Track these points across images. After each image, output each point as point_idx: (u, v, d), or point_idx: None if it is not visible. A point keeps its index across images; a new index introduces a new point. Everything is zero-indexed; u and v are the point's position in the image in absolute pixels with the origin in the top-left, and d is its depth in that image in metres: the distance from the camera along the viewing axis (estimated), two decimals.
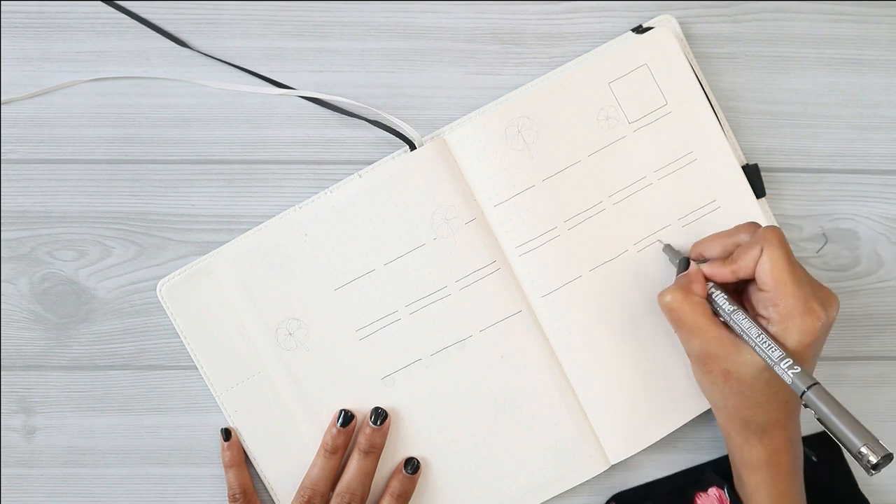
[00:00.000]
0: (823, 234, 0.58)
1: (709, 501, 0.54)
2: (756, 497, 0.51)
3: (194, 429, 0.57)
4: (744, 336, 0.48)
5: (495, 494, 0.55)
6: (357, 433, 0.55)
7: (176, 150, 0.56)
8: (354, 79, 0.57)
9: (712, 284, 0.51)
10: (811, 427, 0.57)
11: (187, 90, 0.56)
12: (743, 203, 0.56)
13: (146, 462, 0.57)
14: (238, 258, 0.55)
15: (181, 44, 0.56)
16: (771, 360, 0.46)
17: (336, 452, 0.54)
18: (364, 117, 0.56)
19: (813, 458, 0.54)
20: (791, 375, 0.45)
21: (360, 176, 0.55)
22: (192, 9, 0.56)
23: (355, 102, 0.56)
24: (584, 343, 0.55)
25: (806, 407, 0.45)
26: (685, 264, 0.52)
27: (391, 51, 0.57)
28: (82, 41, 0.56)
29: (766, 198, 0.57)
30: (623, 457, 0.56)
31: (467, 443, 0.55)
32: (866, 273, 0.58)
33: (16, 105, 0.56)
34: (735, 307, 0.49)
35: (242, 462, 0.55)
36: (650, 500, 0.56)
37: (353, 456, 0.54)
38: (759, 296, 0.49)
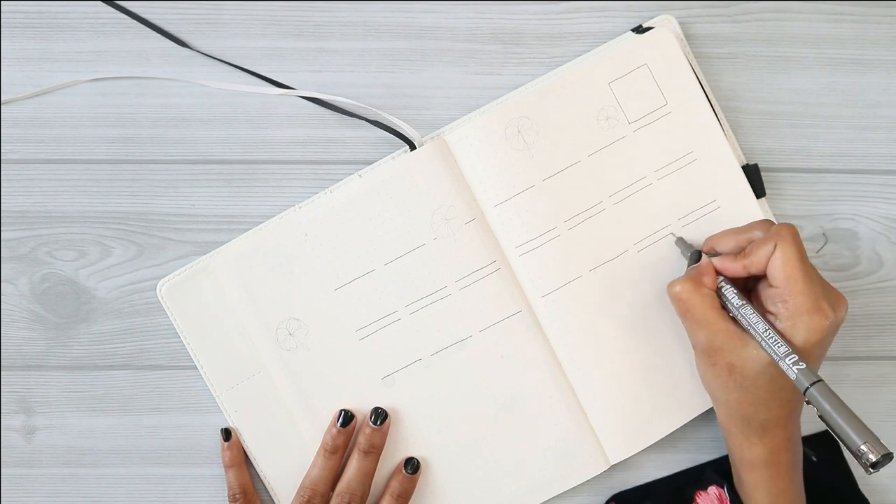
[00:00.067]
0: (823, 234, 0.58)
1: (708, 500, 0.54)
2: (755, 496, 0.51)
3: (194, 429, 0.57)
4: (751, 330, 0.48)
5: (495, 494, 0.55)
6: (357, 433, 0.55)
7: (176, 150, 0.56)
8: (354, 79, 0.57)
9: (722, 279, 0.51)
10: (811, 427, 0.57)
11: (187, 90, 0.56)
12: (743, 203, 0.56)
13: (146, 462, 0.57)
14: (238, 258, 0.55)
15: (181, 44, 0.56)
16: (776, 355, 0.46)
17: (336, 452, 0.54)
18: (364, 117, 0.56)
19: (813, 458, 0.54)
20: (796, 371, 0.45)
21: (360, 176, 0.55)
22: (192, 9, 0.56)
23: (355, 102, 0.56)
24: (584, 343, 0.55)
25: (808, 403, 0.45)
26: (696, 257, 0.52)
27: (391, 51, 0.57)
28: (82, 41, 0.56)
29: (766, 198, 0.57)
30: (623, 457, 0.56)
31: (467, 443, 0.55)
32: (866, 273, 0.58)
33: (16, 105, 0.56)
34: (744, 302, 0.49)
35: (242, 462, 0.55)
36: (650, 500, 0.56)
37: (353, 456, 0.54)
38: (769, 292, 0.49)
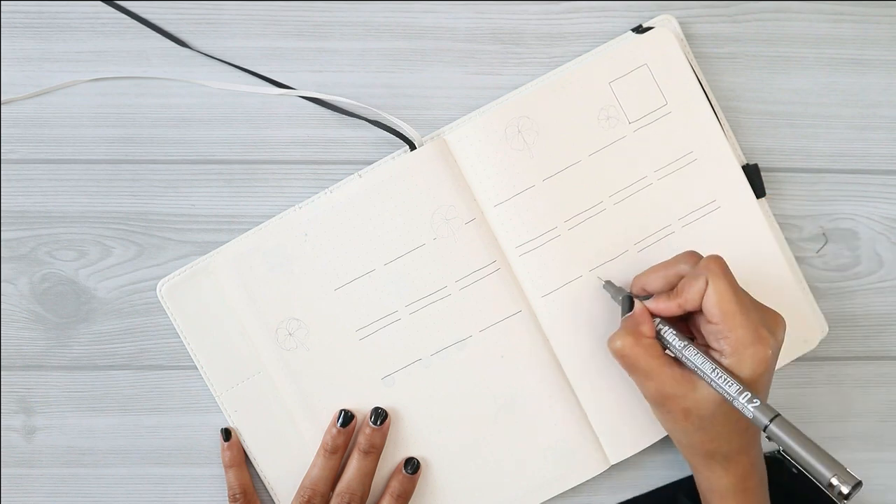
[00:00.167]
0: (823, 234, 0.58)
1: None
2: None
3: (194, 429, 0.57)
4: (698, 372, 0.47)
5: (495, 494, 0.55)
6: (357, 433, 0.55)
7: (176, 150, 0.56)
8: (354, 79, 0.57)
9: (659, 320, 0.50)
10: None
11: (187, 90, 0.56)
12: (743, 203, 0.56)
13: (146, 462, 0.57)
14: (238, 258, 0.55)
15: (181, 44, 0.56)
16: (729, 395, 0.46)
17: (336, 452, 0.54)
18: (364, 117, 0.56)
19: (794, 470, 0.53)
20: (752, 410, 0.45)
21: (360, 176, 0.55)
22: (192, 9, 0.56)
23: (355, 102, 0.56)
24: (584, 343, 0.55)
25: (770, 440, 0.45)
26: (629, 303, 0.51)
27: (391, 51, 0.57)
28: (82, 41, 0.56)
29: (766, 198, 0.57)
30: (623, 457, 0.56)
31: (467, 443, 0.55)
32: (866, 273, 0.58)
33: (16, 105, 0.56)
34: (685, 342, 0.48)
35: (242, 462, 0.55)
36: None
37: (353, 456, 0.54)
38: (708, 328, 0.48)
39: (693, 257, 0.50)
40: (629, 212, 0.55)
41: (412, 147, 0.55)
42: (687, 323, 0.51)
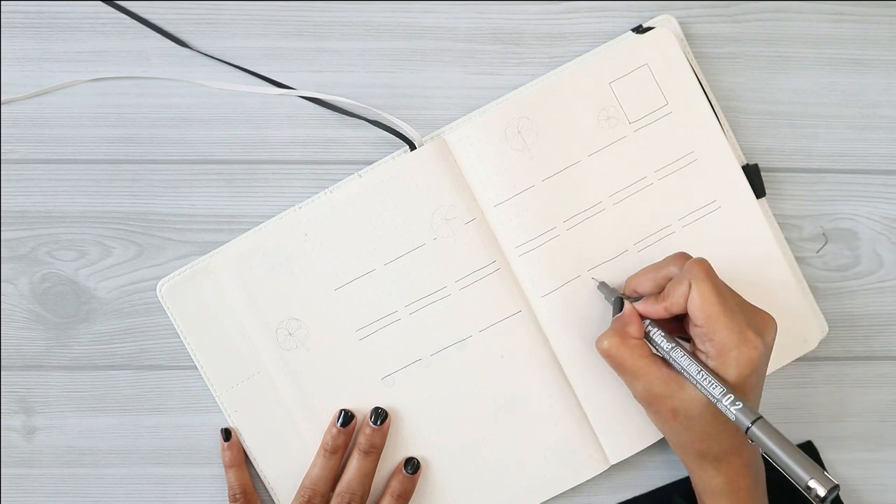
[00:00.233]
0: (823, 234, 0.58)
1: None
2: None
3: (194, 429, 0.57)
4: (684, 374, 0.48)
5: (495, 494, 0.55)
6: (357, 433, 0.55)
7: (176, 150, 0.56)
8: (354, 79, 0.57)
9: (649, 322, 0.50)
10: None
11: (187, 90, 0.56)
12: (743, 203, 0.56)
13: (146, 462, 0.57)
14: (238, 258, 0.55)
15: (181, 44, 0.56)
16: (713, 398, 0.46)
17: (336, 452, 0.54)
18: (364, 117, 0.56)
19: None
20: (734, 412, 0.45)
21: (360, 176, 0.55)
22: (192, 9, 0.56)
23: (355, 102, 0.56)
24: (584, 343, 0.55)
25: (752, 442, 0.45)
26: (619, 304, 0.52)
27: (391, 51, 0.57)
28: (82, 41, 0.56)
29: (766, 198, 0.57)
30: (623, 457, 0.56)
31: (467, 443, 0.55)
32: (866, 273, 0.58)
33: (16, 105, 0.56)
34: (673, 344, 0.49)
35: (242, 462, 0.55)
36: None
37: (353, 456, 0.54)
38: (695, 330, 0.48)
39: (682, 259, 0.50)
40: (629, 212, 0.55)
41: (412, 147, 0.55)
42: (682, 325, 0.51)
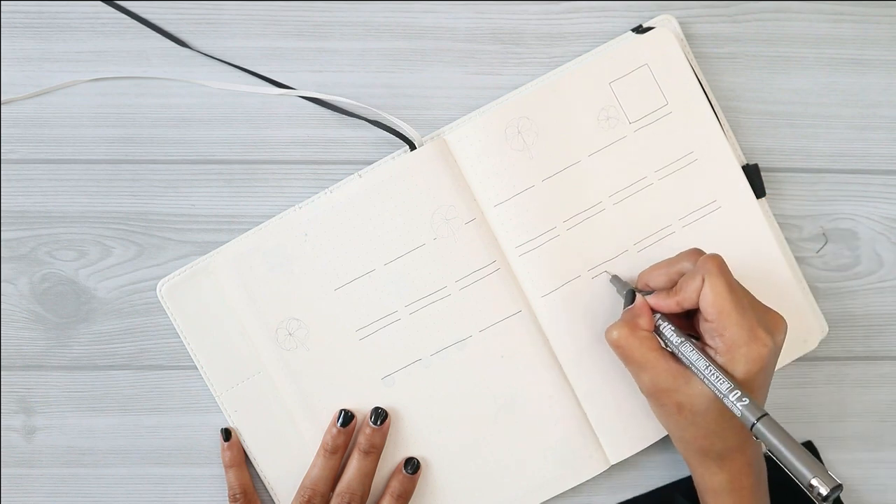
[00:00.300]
0: (823, 234, 0.58)
1: None
2: None
3: (194, 429, 0.57)
4: (692, 368, 0.48)
5: (495, 494, 0.55)
6: (357, 433, 0.55)
7: (176, 150, 0.56)
8: (354, 79, 0.57)
9: (659, 316, 0.50)
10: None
11: (187, 90, 0.56)
12: (743, 203, 0.56)
13: (146, 462, 0.57)
14: (238, 258, 0.55)
15: (181, 44, 0.56)
16: (720, 393, 0.46)
17: (336, 452, 0.54)
18: (364, 117, 0.56)
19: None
20: (740, 408, 0.45)
21: (360, 176, 0.55)
22: (192, 9, 0.56)
23: (355, 102, 0.56)
24: (584, 343, 0.55)
25: (756, 439, 0.45)
26: (631, 296, 0.52)
27: (391, 51, 0.57)
28: (82, 41, 0.56)
29: (766, 198, 0.57)
30: (623, 457, 0.56)
31: (467, 443, 0.55)
32: (866, 273, 0.58)
33: (16, 105, 0.56)
34: (682, 339, 0.49)
35: (242, 462, 0.55)
36: None
37: (353, 456, 0.54)
38: (705, 325, 0.48)
39: (696, 255, 0.50)
40: (629, 212, 0.55)
41: (412, 147, 0.55)
42: (692, 321, 0.51)
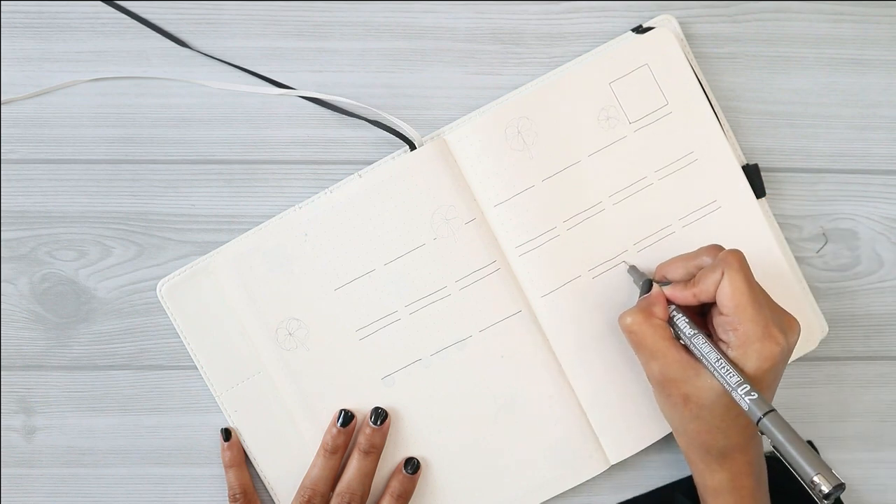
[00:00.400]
0: (823, 234, 0.58)
1: None
2: None
3: (194, 429, 0.57)
4: (703, 360, 0.48)
5: (495, 494, 0.55)
6: (357, 433, 0.55)
7: (176, 150, 0.56)
8: (354, 79, 0.57)
9: (674, 307, 0.50)
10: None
11: (187, 90, 0.56)
12: (743, 203, 0.56)
13: (146, 462, 0.57)
14: (238, 258, 0.55)
15: (181, 44, 0.56)
16: (728, 386, 0.46)
17: (336, 452, 0.54)
18: (364, 117, 0.56)
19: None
20: (748, 402, 0.45)
21: (360, 176, 0.55)
22: (192, 9, 0.56)
23: (355, 102, 0.56)
24: (584, 343, 0.55)
25: (762, 434, 0.45)
26: (648, 286, 0.52)
27: (391, 51, 0.57)
28: (82, 41, 0.56)
29: (766, 198, 0.57)
30: (623, 457, 0.56)
31: (467, 443, 0.55)
32: (866, 273, 0.58)
33: (16, 105, 0.56)
34: (695, 331, 0.49)
35: (242, 462, 0.55)
36: None
37: (353, 456, 0.54)
38: (720, 319, 0.49)
39: (715, 250, 0.51)
40: (629, 212, 0.56)
41: (412, 147, 0.55)
42: (704, 319, 0.51)
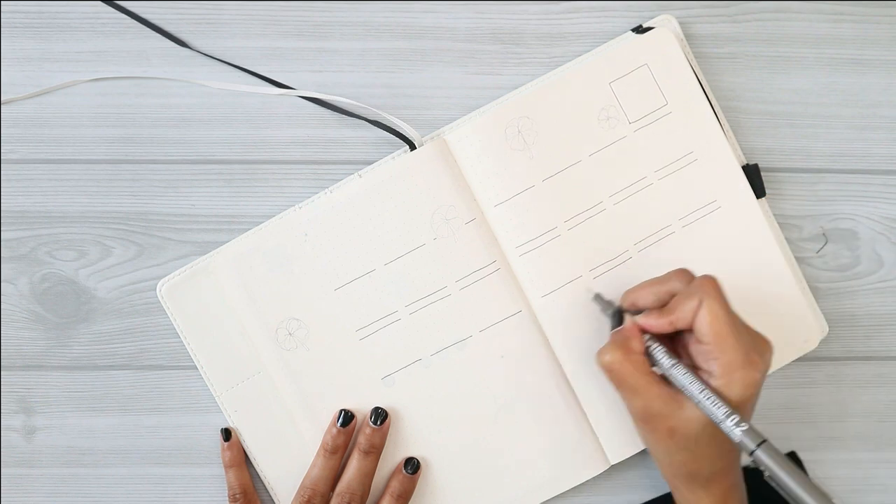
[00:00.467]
0: (823, 234, 0.58)
1: None
2: None
3: (194, 429, 0.57)
4: (685, 392, 0.47)
5: (495, 494, 0.55)
6: (357, 433, 0.55)
7: (176, 150, 0.56)
8: (354, 79, 0.57)
9: (649, 337, 0.50)
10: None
11: (187, 90, 0.56)
12: (743, 203, 0.56)
13: (146, 462, 0.57)
14: (238, 258, 0.55)
15: (181, 44, 0.56)
16: (716, 418, 0.46)
17: (336, 452, 0.54)
18: (364, 117, 0.56)
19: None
20: (739, 434, 0.45)
21: (360, 176, 0.55)
22: (192, 9, 0.56)
23: (355, 102, 0.56)
24: (584, 343, 0.55)
25: (755, 464, 0.45)
26: (618, 317, 0.51)
27: (391, 51, 0.57)
28: (82, 41, 0.56)
29: (766, 198, 0.57)
30: (623, 457, 0.56)
31: (467, 443, 0.55)
32: (866, 273, 0.58)
33: (16, 105, 0.56)
34: (674, 361, 0.48)
35: (242, 462, 0.55)
36: None
37: (353, 456, 0.54)
38: (698, 348, 0.48)
39: (685, 275, 0.50)
40: (629, 212, 0.55)
41: (412, 147, 0.55)
42: (672, 341, 0.51)
